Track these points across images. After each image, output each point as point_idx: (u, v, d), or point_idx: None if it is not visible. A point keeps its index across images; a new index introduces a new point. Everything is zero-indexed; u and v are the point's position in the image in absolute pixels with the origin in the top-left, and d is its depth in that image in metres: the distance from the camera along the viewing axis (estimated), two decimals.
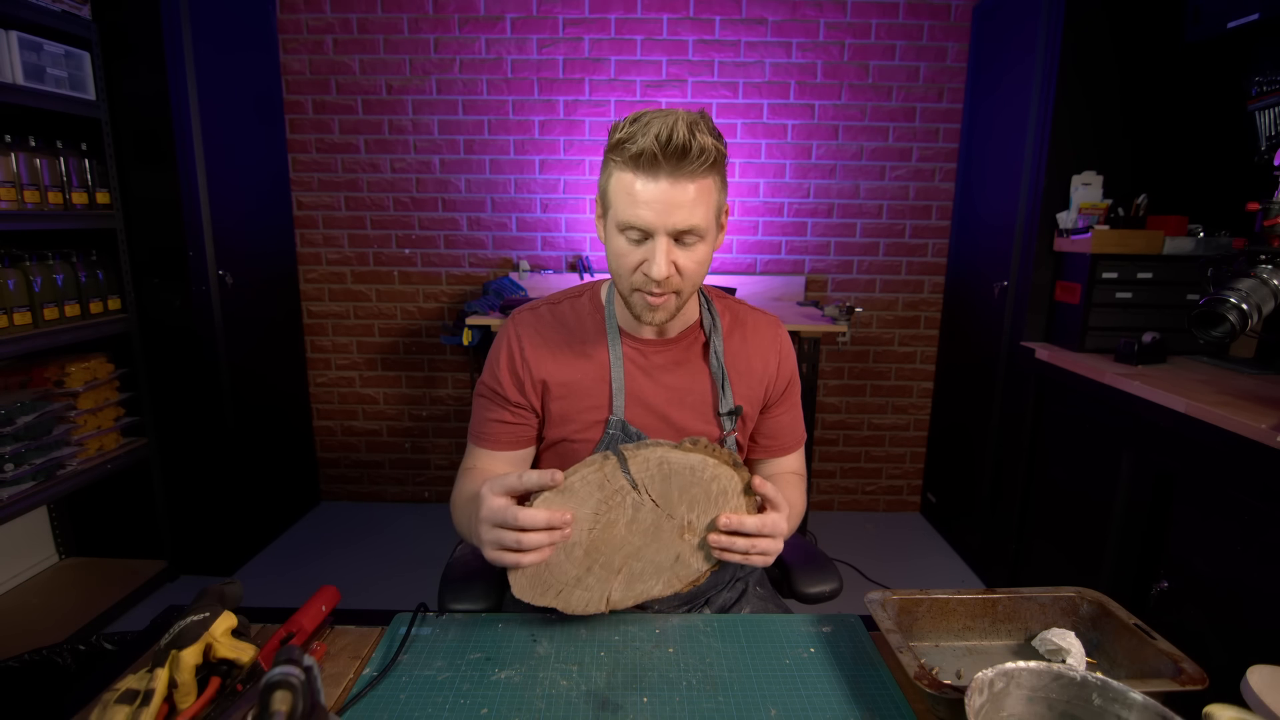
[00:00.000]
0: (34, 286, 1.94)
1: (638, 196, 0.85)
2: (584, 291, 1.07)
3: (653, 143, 0.82)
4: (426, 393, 3.04)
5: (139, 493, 2.37)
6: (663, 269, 0.87)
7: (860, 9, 2.70)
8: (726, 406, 1.02)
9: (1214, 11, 1.76)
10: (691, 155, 0.83)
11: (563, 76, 2.75)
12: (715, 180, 0.88)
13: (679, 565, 0.85)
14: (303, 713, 0.51)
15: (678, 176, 0.84)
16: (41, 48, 1.92)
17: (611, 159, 0.88)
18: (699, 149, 0.83)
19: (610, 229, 0.91)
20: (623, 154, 0.85)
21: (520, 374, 1.01)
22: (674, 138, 0.81)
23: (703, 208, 0.86)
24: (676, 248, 0.88)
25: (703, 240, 0.89)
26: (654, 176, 0.84)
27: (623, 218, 0.87)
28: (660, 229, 0.86)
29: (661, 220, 0.85)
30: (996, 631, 0.87)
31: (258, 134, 2.62)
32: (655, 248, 0.87)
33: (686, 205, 0.85)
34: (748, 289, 2.86)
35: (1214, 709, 0.62)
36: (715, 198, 0.89)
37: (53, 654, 1.10)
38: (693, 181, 0.85)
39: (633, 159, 0.84)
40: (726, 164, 0.91)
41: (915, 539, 2.89)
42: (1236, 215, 1.76)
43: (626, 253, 0.89)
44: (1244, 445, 1.37)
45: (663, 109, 0.85)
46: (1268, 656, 0.77)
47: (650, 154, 0.82)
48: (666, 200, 0.84)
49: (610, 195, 0.89)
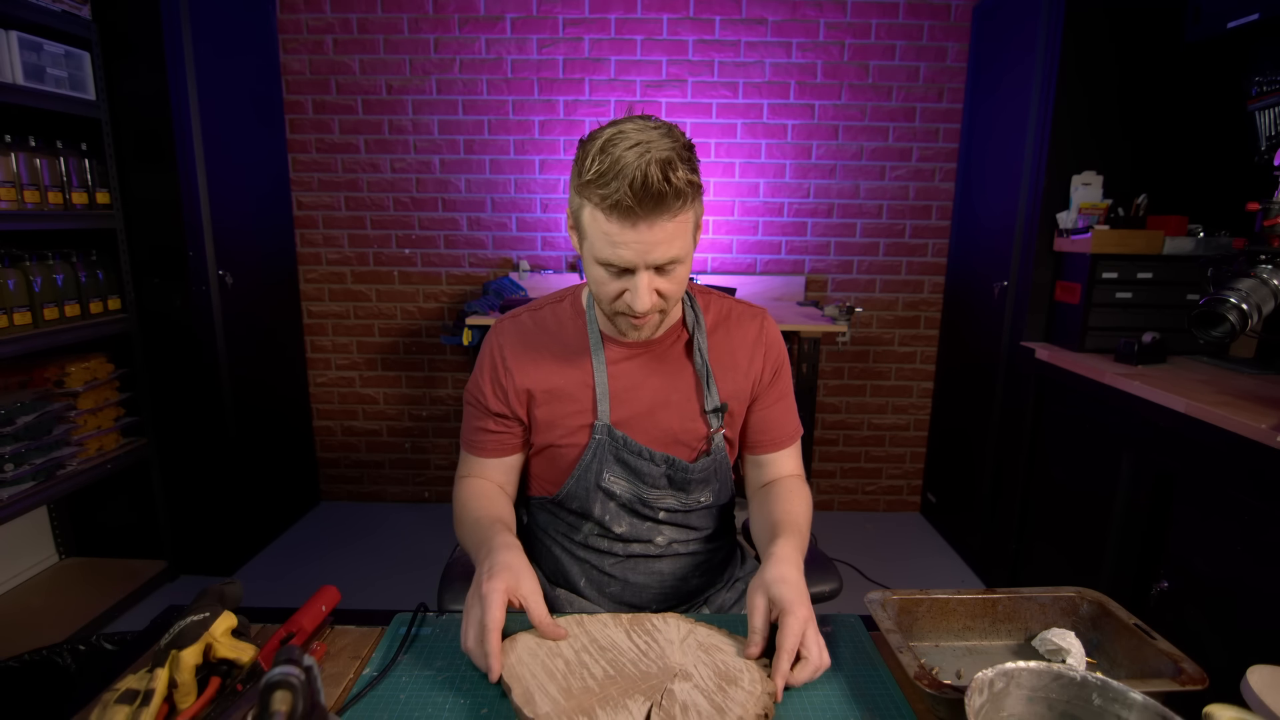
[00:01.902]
0: (34, 286, 1.94)
1: (615, 240, 0.82)
2: (565, 296, 1.06)
3: (626, 194, 0.78)
4: (426, 393, 3.04)
5: (139, 493, 2.37)
6: (645, 303, 0.86)
7: (860, 9, 2.70)
8: (712, 404, 1.02)
9: (1214, 11, 1.76)
10: (668, 200, 0.80)
11: (563, 76, 2.75)
12: (693, 207, 0.86)
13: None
14: (303, 713, 0.51)
15: (655, 219, 0.81)
16: (41, 48, 1.92)
17: (583, 195, 0.84)
18: (675, 192, 0.80)
19: (587, 257, 0.88)
20: (595, 198, 0.81)
21: (504, 383, 1.01)
22: (649, 184, 0.78)
23: (681, 239, 0.85)
24: (658, 277, 0.87)
25: (683, 263, 0.88)
26: (631, 224, 0.81)
27: (601, 256, 0.85)
28: (640, 266, 0.84)
29: (641, 259, 0.83)
30: (996, 631, 0.87)
31: (258, 134, 2.62)
32: (637, 283, 0.85)
33: (665, 243, 0.83)
34: (748, 289, 2.86)
35: (1214, 709, 0.62)
36: (693, 222, 0.87)
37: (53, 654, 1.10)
38: (671, 220, 0.82)
39: (608, 208, 0.81)
40: (703, 186, 0.88)
41: (915, 539, 2.89)
42: (1236, 215, 1.76)
43: (606, 282, 0.88)
44: (1244, 445, 1.37)
45: (632, 136, 0.80)
46: (1268, 656, 0.77)
47: (625, 206, 0.79)
48: (645, 242, 0.82)
49: (585, 227, 0.86)
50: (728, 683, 0.73)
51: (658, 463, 1.01)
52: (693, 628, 0.84)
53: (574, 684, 0.71)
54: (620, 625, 0.84)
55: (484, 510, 0.98)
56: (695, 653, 0.78)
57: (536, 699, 0.69)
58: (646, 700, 0.69)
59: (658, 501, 1.03)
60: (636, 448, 1.00)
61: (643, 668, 0.75)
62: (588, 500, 1.02)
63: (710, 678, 0.74)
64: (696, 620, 0.85)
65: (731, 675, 0.74)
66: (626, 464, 1.01)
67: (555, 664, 0.75)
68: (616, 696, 0.70)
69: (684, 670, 0.75)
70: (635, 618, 0.85)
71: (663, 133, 0.82)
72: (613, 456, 1.00)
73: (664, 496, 1.03)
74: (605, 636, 0.81)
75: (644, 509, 1.03)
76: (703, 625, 0.84)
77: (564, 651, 0.77)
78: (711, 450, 1.03)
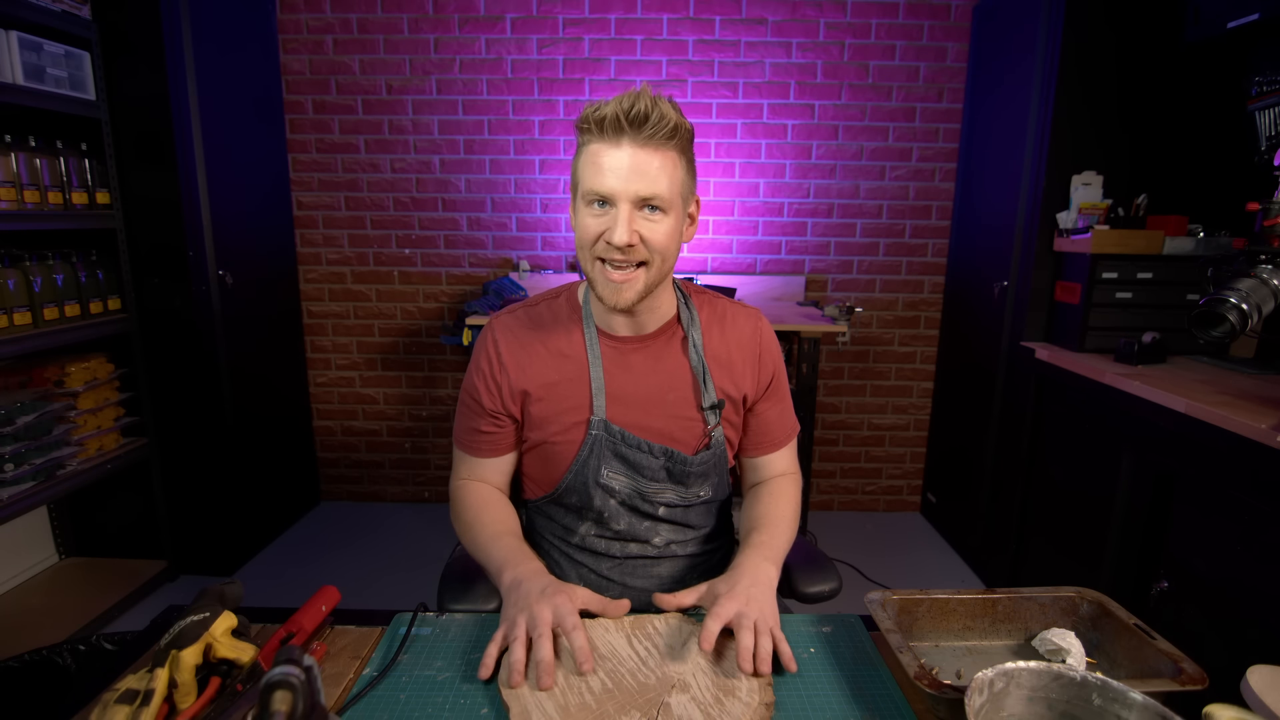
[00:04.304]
0: (34, 286, 1.94)
1: (602, 164, 0.87)
2: (561, 293, 1.07)
3: (616, 108, 0.86)
4: (426, 393, 3.04)
5: (139, 493, 2.37)
6: (624, 234, 0.88)
7: (860, 9, 2.70)
8: (709, 400, 1.01)
9: (1214, 11, 1.76)
10: (652, 120, 0.86)
11: (563, 76, 2.75)
12: (680, 159, 0.91)
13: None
14: (303, 713, 0.51)
15: (640, 143, 0.86)
16: (41, 48, 1.92)
17: (581, 134, 0.91)
18: (660, 115, 0.86)
19: (578, 206, 0.93)
20: (588, 126, 0.88)
21: (499, 380, 1.01)
22: (636, 105, 0.85)
23: (665, 179, 0.88)
24: (640, 218, 0.89)
25: (667, 215, 0.90)
26: (618, 143, 0.87)
27: (588, 186, 0.89)
28: (623, 195, 0.87)
29: (624, 185, 0.87)
30: (996, 631, 0.87)
31: (258, 134, 2.62)
32: (617, 214, 0.88)
33: (650, 174, 0.87)
34: (748, 289, 2.86)
35: (1214, 709, 0.62)
36: (680, 175, 0.91)
37: (53, 654, 1.10)
38: (656, 151, 0.87)
39: (597, 124, 0.87)
40: (693, 146, 0.94)
41: (915, 539, 2.89)
42: (1236, 215, 1.76)
43: (589, 225, 0.91)
44: (1244, 445, 1.37)
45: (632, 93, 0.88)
46: (1268, 656, 0.77)
47: (614, 118, 0.86)
48: (629, 167, 0.86)
49: (579, 172, 0.91)
50: (725, 694, 0.73)
51: (656, 455, 1.01)
52: (694, 629, 0.84)
53: (571, 700, 0.72)
54: (622, 630, 0.84)
55: (503, 524, 0.99)
56: (695, 659, 0.78)
57: (534, 718, 0.69)
58: (643, 716, 0.70)
59: (657, 496, 1.03)
60: (635, 441, 0.99)
61: (641, 679, 0.75)
62: (587, 494, 1.02)
63: (708, 688, 0.74)
64: (698, 621, 0.85)
65: (730, 686, 0.74)
66: (625, 458, 1.00)
67: (554, 677, 0.75)
68: (613, 714, 0.70)
69: (682, 681, 0.75)
70: (637, 620, 0.85)
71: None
72: (610, 452, 1.00)
73: (663, 490, 1.03)
74: (606, 643, 0.81)
75: (643, 504, 1.03)
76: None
77: (564, 662, 0.77)
78: (712, 445, 1.03)
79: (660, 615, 0.87)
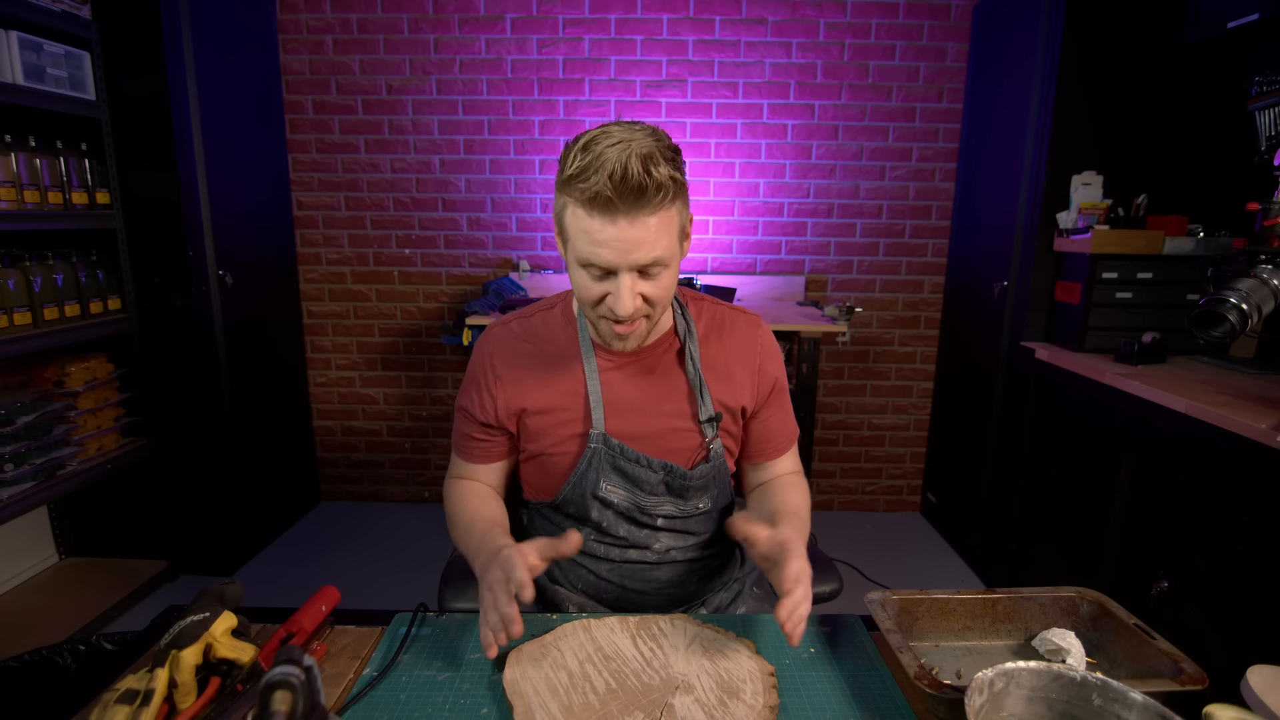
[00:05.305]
0: (34, 286, 1.94)
1: (595, 238, 0.81)
2: (555, 303, 1.05)
3: (606, 184, 0.77)
4: (426, 393, 3.04)
5: (139, 493, 2.37)
6: (628, 306, 0.84)
7: (860, 9, 2.70)
8: (706, 414, 1.00)
9: (1214, 11, 1.76)
10: (649, 193, 0.79)
11: (563, 76, 2.75)
12: (676, 206, 0.85)
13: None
14: (303, 713, 0.51)
15: (636, 214, 0.80)
16: (41, 48, 1.92)
17: (565, 193, 0.83)
18: (655, 185, 0.79)
19: (570, 260, 0.87)
20: (576, 193, 0.80)
21: (493, 393, 1.00)
22: (629, 176, 0.77)
23: (665, 238, 0.83)
24: (641, 280, 0.85)
25: (668, 268, 0.86)
26: (611, 218, 0.80)
27: (582, 256, 0.84)
28: (622, 267, 0.83)
29: (623, 259, 0.82)
30: (996, 631, 0.87)
31: (258, 134, 2.62)
32: (619, 285, 0.84)
33: (648, 241, 0.82)
34: (748, 289, 2.86)
35: (1214, 709, 0.62)
36: (677, 222, 0.86)
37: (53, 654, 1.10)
38: (652, 216, 0.81)
39: (588, 201, 0.80)
40: (687, 187, 0.88)
41: (915, 539, 2.89)
42: (1236, 215, 1.76)
43: (589, 285, 0.86)
44: (1244, 445, 1.37)
45: (615, 134, 0.80)
46: (1268, 656, 0.77)
47: (605, 197, 0.78)
48: (626, 239, 0.81)
49: (567, 229, 0.85)
50: (729, 695, 0.73)
51: (655, 469, 0.99)
52: (699, 630, 0.84)
53: (575, 700, 0.72)
54: (627, 630, 0.84)
55: (478, 512, 0.98)
56: (700, 660, 0.78)
57: (538, 718, 0.69)
58: (646, 717, 0.70)
59: (656, 509, 1.02)
60: (634, 455, 0.98)
61: (645, 679, 0.75)
62: (584, 506, 1.01)
63: (712, 690, 0.74)
64: (703, 622, 0.85)
65: (734, 687, 0.74)
66: (624, 472, 0.99)
67: (559, 677, 0.75)
68: (617, 714, 0.70)
69: (686, 682, 0.75)
70: (642, 621, 0.85)
71: (646, 133, 0.81)
72: (609, 465, 0.99)
73: (662, 504, 1.02)
74: (610, 644, 0.81)
75: (642, 516, 1.02)
76: (709, 628, 0.84)
77: (568, 662, 0.77)
78: (710, 457, 1.02)
79: (665, 616, 0.87)
